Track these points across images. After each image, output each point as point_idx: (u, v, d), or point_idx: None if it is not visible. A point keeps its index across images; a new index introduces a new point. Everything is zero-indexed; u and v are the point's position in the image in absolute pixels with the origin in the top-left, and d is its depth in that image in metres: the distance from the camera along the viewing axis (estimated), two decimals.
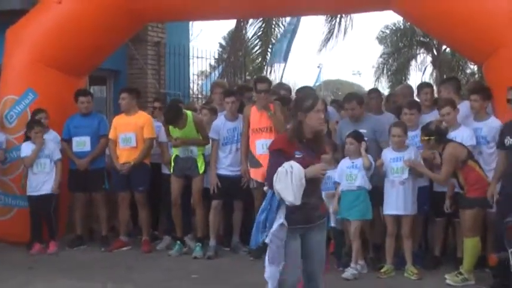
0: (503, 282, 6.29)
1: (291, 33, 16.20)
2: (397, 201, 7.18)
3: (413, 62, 31.91)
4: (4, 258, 8.21)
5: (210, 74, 19.33)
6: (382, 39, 32.54)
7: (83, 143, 8.85)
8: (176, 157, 8.33)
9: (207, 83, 17.24)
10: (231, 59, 17.59)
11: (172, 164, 8.36)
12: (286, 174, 4.66)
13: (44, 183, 8.47)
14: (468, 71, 29.31)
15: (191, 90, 15.18)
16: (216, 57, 19.18)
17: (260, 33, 18.42)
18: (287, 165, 4.69)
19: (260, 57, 19.05)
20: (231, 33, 21.98)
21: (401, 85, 13.13)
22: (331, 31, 19.41)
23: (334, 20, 19.06)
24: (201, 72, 18.36)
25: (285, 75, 18.49)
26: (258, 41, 18.70)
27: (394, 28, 30.98)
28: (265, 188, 5.06)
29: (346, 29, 19.14)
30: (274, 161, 4.83)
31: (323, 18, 18.95)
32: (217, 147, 8.31)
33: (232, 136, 8.29)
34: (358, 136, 7.39)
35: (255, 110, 8.08)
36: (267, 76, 14.81)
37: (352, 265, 7.13)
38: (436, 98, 8.41)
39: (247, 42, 18.78)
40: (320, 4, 9.15)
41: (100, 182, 8.92)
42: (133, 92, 8.97)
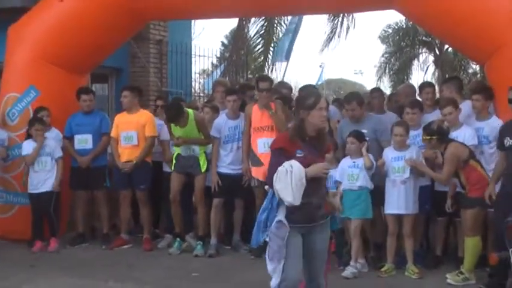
0: (499, 282, 6.28)
1: (293, 32, 16.19)
2: (399, 201, 7.17)
3: (415, 61, 31.91)
4: (5, 255, 8.22)
5: (212, 72, 19.33)
6: (384, 39, 32.53)
7: (84, 141, 8.86)
8: (178, 155, 8.33)
9: (209, 81, 17.23)
10: (233, 57, 17.59)
11: (173, 162, 8.37)
12: (286, 173, 4.61)
13: (45, 181, 8.47)
14: (470, 71, 29.29)
15: (193, 89, 15.18)
16: (218, 55, 19.19)
17: (262, 31, 18.41)
18: (287, 165, 4.64)
19: (262, 55, 19.03)
20: (233, 32, 22.01)
21: (403, 84, 13.14)
22: (334, 30, 19.41)
23: (337, 19, 19.06)
24: (203, 70, 18.36)
25: (287, 74, 18.51)
26: (260, 39, 18.69)
27: (396, 27, 30.98)
28: (266, 187, 5.01)
29: (349, 28, 19.14)
30: (275, 160, 4.79)
31: (325, 17, 18.94)
32: (219, 146, 8.32)
33: (234, 134, 8.29)
34: (359, 135, 7.39)
35: (257, 108, 8.08)
36: (268, 75, 14.79)
37: (351, 263, 7.14)
38: (438, 97, 8.40)
39: (249, 41, 18.77)
40: (322, 3, 9.15)
41: (101, 180, 8.92)
42: (135, 90, 8.98)
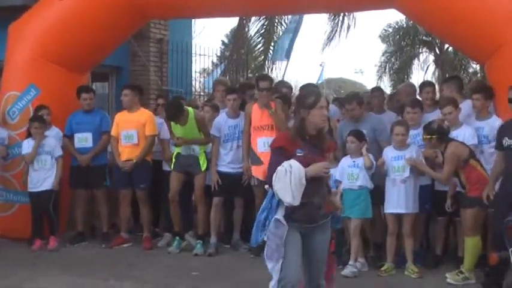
0: (496, 281, 6.26)
1: (294, 32, 16.17)
2: (399, 200, 7.17)
3: (415, 60, 31.92)
4: (6, 254, 8.23)
5: (212, 71, 19.33)
6: (384, 38, 32.54)
7: (84, 139, 8.86)
8: (178, 154, 8.33)
9: (209, 80, 17.23)
10: (233, 56, 17.59)
11: (173, 161, 8.37)
12: (285, 173, 4.57)
13: (45, 180, 8.47)
14: (470, 70, 29.30)
15: (193, 88, 15.18)
16: (218, 54, 19.18)
17: (263, 31, 18.42)
18: (286, 165, 4.60)
19: (262, 55, 19.05)
20: (234, 31, 22.00)
21: (403, 83, 13.13)
22: (334, 29, 19.41)
23: (337, 19, 19.06)
24: (203, 69, 18.36)
25: (287, 73, 18.50)
26: (260, 38, 18.69)
27: (396, 27, 31.00)
28: (266, 187, 4.97)
29: (349, 27, 19.15)
30: (275, 159, 4.74)
31: (326, 16, 18.95)
32: (219, 145, 8.32)
33: (234, 133, 8.29)
34: (359, 135, 7.39)
35: (257, 107, 8.08)
36: (268, 74, 14.79)
37: (350, 262, 7.13)
38: (438, 97, 8.40)
39: (249, 40, 18.78)
40: (323, 2, 9.15)
41: (101, 179, 8.93)
42: (135, 89, 8.97)
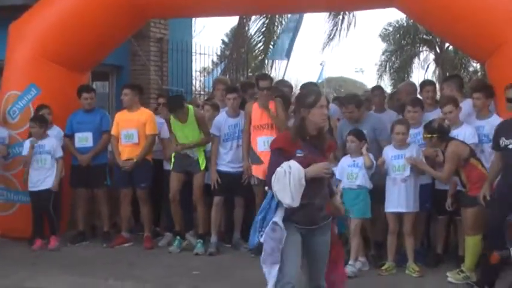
0: (489, 279, 6.25)
1: (294, 31, 16.16)
2: (399, 199, 7.16)
3: (416, 59, 31.89)
4: (6, 253, 8.23)
5: (213, 70, 19.33)
6: (385, 37, 32.52)
7: (85, 139, 8.86)
8: (177, 154, 8.32)
9: (209, 79, 17.23)
10: (234, 55, 17.59)
11: (172, 160, 8.37)
12: (285, 174, 4.50)
13: (45, 180, 8.45)
14: (471, 69, 29.26)
15: (193, 87, 15.18)
16: (218, 53, 19.17)
17: (263, 29, 18.41)
18: (285, 166, 4.53)
19: (263, 54, 19.04)
20: (234, 30, 21.99)
21: (404, 82, 13.15)
22: (334, 28, 19.40)
23: (337, 18, 19.05)
24: (204, 68, 18.36)
25: (287, 72, 18.48)
26: (261, 37, 18.68)
27: (397, 26, 30.96)
28: (266, 188, 4.90)
29: (349, 26, 19.15)
30: (274, 160, 4.67)
31: (326, 15, 18.95)
32: (218, 144, 8.32)
33: (234, 132, 8.29)
34: (359, 134, 7.38)
35: (257, 106, 8.08)
36: (268, 73, 14.79)
37: (350, 262, 7.11)
38: (439, 96, 8.40)
39: (249, 39, 18.77)
40: (323, 1, 9.15)
41: (102, 178, 8.93)
42: (136, 88, 8.97)
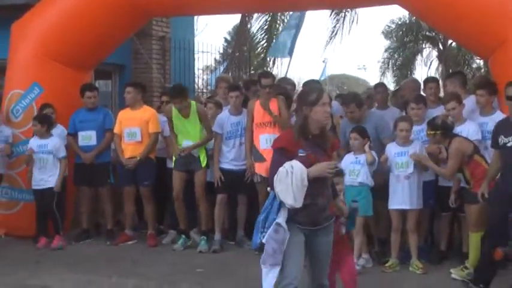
0: (485, 278, 6.22)
1: (296, 28, 16.15)
2: (403, 196, 7.16)
3: (419, 56, 31.92)
4: (10, 251, 8.25)
5: (215, 69, 19.33)
6: (387, 34, 32.51)
7: (88, 137, 8.86)
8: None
9: (212, 77, 17.23)
10: (236, 53, 17.59)
11: (174, 159, 8.38)
12: (287, 175, 4.43)
13: (48, 178, 8.44)
14: (474, 66, 29.25)
15: (196, 85, 15.17)
16: (221, 52, 19.18)
17: (266, 27, 18.40)
18: (288, 165, 4.46)
19: (265, 51, 19.04)
20: (236, 28, 21.99)
21: (407, 79, 13.11)
22: (337, 26, 19.39)
23: (340, 15, 19.03)
24: (206, 66, 18.37)
25: (290, 70, 18.48)
26: (263, 35, 18.68)
27: (399, 23, 30.96)
28: (268, 189, 4.84)
29: (352, 23, 19.13)
30: (276, 160, 4.60)
31: (328, 12, 18.92)
32: (221, 142, 8.32)
33: (236, 130, 8.29)
34: (362, 131, 7.38)
35: (259, 104, 8.08)
36: (270, 71, 14.80)
37: (354, 260, 7.08)
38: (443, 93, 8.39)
39: (252, 37, 18.77)
40: None
41: (105, 177, 8.94)
42: (138, 87, 8.97)
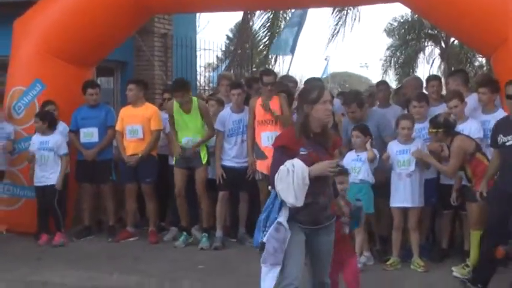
0: (484, 277, 6.20)
1: (298, 26, 16.15)
2: (405, 194, 7.15)
3: (421, 54, 31.89)
4: (12, 248, 8.27)
5: (218, 66, 19.33)
6: (390, 32, 32.49)
7: (90, 134, 8.87)
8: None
9: (215, 75, 17.22)
10: (238, 51, 17.57)
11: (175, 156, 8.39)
12: (288, 173, 4.38)
13: (50, 175, 8.42)
14: (476, 64, 29.23)
15: (198, 82, 15.17)
16: (223, 49, 19.18)
17: (268, 24, 18.39)
18: (289, 164, 4.41)
19: (267, 49, 19.03)
20: (238, 26, 21.98)
21: (409, 77, 13.12)
22: (339, 23, 19.38)
23: (342, 13, 19.02)
24: (208, 64, 18.38)
25: (292, 68, 18.47)
26: (266, 32, 18.67)
27: (402, 20, 30.98)
28: (269, 188, 4.80)
29: (354, 21, 19.12)
30: (277, 158, 4.55)
31: (330, 10, 18.91)
32: (223, 139, 8.32)
33: (238, 128, 8.29)
34: (364, 129, 7.38)
35: (261, 102, 8.07)
36: (272, 69, 14.78)
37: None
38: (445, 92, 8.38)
39: (254, 34, 18.75)
40: None
41: (107, 174, 8.94)
42: (140, 84, 8.98)
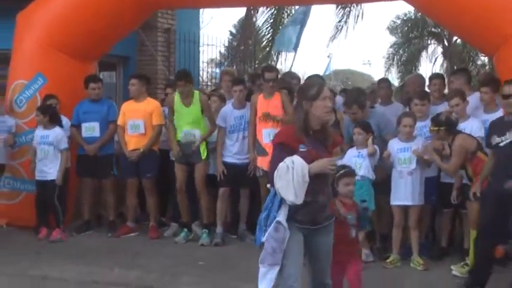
0: (480, 280, 6.18)
1: (301, 23, 16.13)
2: (405, 192, 7.15)
3: (424, 52, 31.82)
4: (12, 242, 8.27)
5: (220, 62, 19.30)
6: (393, 30, 32.42)
7: (92, 129, 8.87)
8: (178, 143, 8.33)
9: (218, 71, 17.21)
10: (241, 47, 17.56)
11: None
12: (287, 170, 4.31)
13: (48, 170, 8.39)
14: (479, 62, 29.14)
15: (201, 78, 15.17)
16: (226, 45, 19.16)
17: (271, 20, 18.37)
18: (288, 161, 4.33)
19: (270, 45, 19.01)
20: (242, 21, 21.97)
21: (412, 74, 13.11)
22: (342, 21, 19.34)
23: (345, 10, 18.99)
24: (211, 60, 18.35)
25: (294, 65, 18.47)
26: (269, 28, 18.64)
27: (405, 18, 30.87)
28: (268, 185, 4.71)
29: (357, 18, 19.08)
30: (277, 155, 4.48)
31: (333, 7, 18.88)
32: (224, 135, 8.32)
33: (240, 124, 8.28)
34: (366, 126, 7.36)
35: (262, 98, 8.07)
36: (275, 65, 14.78)
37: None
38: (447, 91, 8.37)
39: (257, 31, 18.74)
40: None
41: (108, 168, 8.94)
42: (143, 79, 8.97)
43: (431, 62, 31.80)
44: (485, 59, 25.63)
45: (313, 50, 72.03)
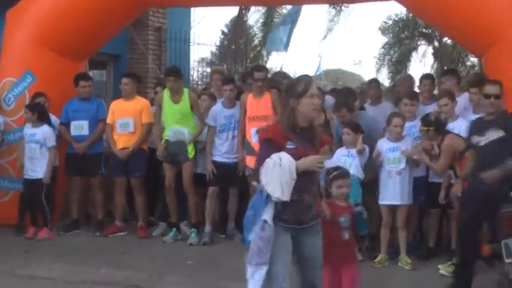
0: (464, 281, 6.18)
1: (292, 23, 16.13)
2: (394, 192, 7.16)
3: (414, 53, 31.91)
4: (0, 241, 8.20)
5: (211, 61, 19.29)
6: (384, 30, 32.48)
7: (81, 127, 8.84)
8: (166, 142, 8.31)
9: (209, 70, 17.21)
10: (232, 46, 17.57)
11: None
12: (274, 166, 4.24)
13: (36, 169, 8.35)
14: (468, 63, 29.27)
15: (191, 77, 15.15)
16: (217, 44, 19.15)
17: (263, 20, 18.39)
18: (275, 157, 4.26)
19: (261, 44, 19.04)
20: (233, 21, 21.97)
21: (402, 75, 13.14)
22: (333, 21, 19.40)
23: (336, 10, 19.04)
24: (202, 59, 18.34)
25: (285, 64, 18.48)
26: (260, 28, 18.67)
27: (396, 19, 30.94)
28: (254, 183, 4.63)
29: (348, 19, 19.14)
30: (263, 152, 4.40)
31: (325, 7, 18.93)
32: (214, 134, 8.31)
33: (229, 123, 8.26)
34: (355, 127, 7.37)
35: (252, 97, 8.07)
36: (264, 65, 14.77)
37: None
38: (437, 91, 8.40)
39: (248, 30, 18.75)
40: None
41: (97, 167, 8.90)
42: (134, 78, 8.97)
43: (421, 63, 31.95)
44: (475, 60, 25.74)
45: (304, 49, 72.08)
